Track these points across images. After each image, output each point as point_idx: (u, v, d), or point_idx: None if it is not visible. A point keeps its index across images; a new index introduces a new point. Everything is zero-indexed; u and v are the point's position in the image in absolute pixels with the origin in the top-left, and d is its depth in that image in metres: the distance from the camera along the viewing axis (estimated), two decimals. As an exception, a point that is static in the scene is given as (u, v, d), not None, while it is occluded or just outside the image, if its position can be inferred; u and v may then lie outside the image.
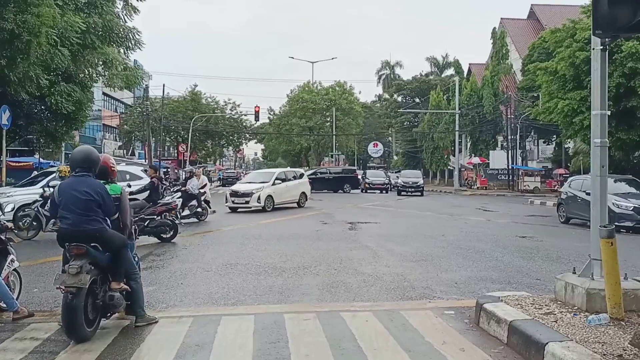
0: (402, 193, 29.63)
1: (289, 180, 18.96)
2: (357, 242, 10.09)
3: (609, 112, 4.63)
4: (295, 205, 18.66)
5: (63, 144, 22.58)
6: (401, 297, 5.68)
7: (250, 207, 16.98)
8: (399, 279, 6.60)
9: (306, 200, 19.28)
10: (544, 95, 20.61)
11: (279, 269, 7.15)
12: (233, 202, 17.22)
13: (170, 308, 5.24)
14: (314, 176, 30.26)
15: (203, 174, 17.16)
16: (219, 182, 42.64)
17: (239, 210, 17.15)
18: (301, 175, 20.10)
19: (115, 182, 4.58)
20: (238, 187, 18.40)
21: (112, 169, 4.55)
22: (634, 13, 4.13)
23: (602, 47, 4.41)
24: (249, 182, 18.72)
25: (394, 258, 8.19)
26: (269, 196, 17.24)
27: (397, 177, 35.07)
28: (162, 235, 9.78)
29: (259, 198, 16.89)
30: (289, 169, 27.92)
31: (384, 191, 32.66)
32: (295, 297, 5.70)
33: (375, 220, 14.45)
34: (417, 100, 53.19)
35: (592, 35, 4.45)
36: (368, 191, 32.53)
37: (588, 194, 7.23)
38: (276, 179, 18.17)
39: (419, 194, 29.65)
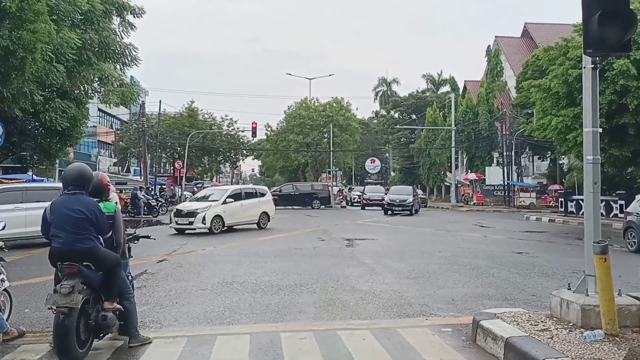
0: (389, 212, 26.37)
1: (246, 198, 16.84)
2: (354, 258, 10.07)
3: (600, 130, 4.70)
4: (254, 226, 16.81)
5: (57, 161, 22.23)
6: (398, 315, 5.66)
7: (195, 229, 15.08)
8: (396, 296, 6.58)
9: (268, 220, 17.29)
10: (538, 112, 20.85)
11: (276, 287, 7.11)
12: (177, 222, 15.31)
13: (165, 328, 5.17)
14: (279, 192, 31.75)
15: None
16: None
17: (235, 228, 16.23)
18: (263, 194, 18.11)
19: (109, 200, 4.53)
20: (183, 205, 16.71)
21: (109, 186, 4.54)
22: (623, 33, 4.28)
23: (593, 66, 4.52)
24: (198, 200, 16.64)
25: (391, 275, 8.18)
26: (217, 216, 15.28)
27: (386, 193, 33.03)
28: None
29: (204, 219, 14.95)
30: (248, 185, 26.64)
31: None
32: (291, 315, 5.66)
33: (372, 237, 14.43)
34: (414, 116, 53.70)
35: (583, 54, 4.56)
36: (366, 207, 31.94)
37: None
38: (228, 196, 16.11)
39: (408, 212, 26.09)
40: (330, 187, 37.80)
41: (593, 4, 4.25)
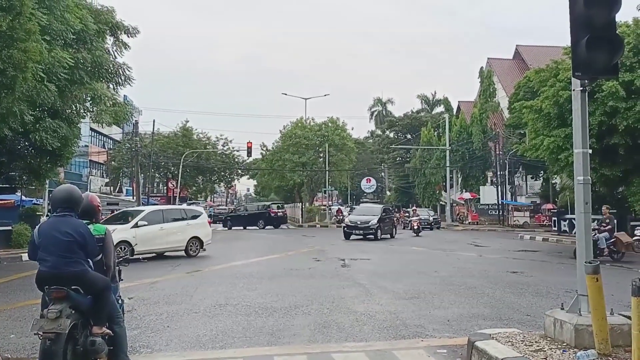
0: (350, 236, 21.80)
1: (170, 221, 14.67)
2: (350, 279, 10.02)
3: (590, 150, 4.79)
4: (182, 254, 14.65)
5: (47, 181, 21.51)
6: (394, 336, 5.62)
7: None
8: (392, 317, 6.55)
9: (201, 247, 14.99)
10: (530, 133, 21.14)
11: (270, 309, 7.04)
12: None
13: (156, 353, 5.08)
14: (233, 214, 36.72)
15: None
16: (210, 219, 42.39)
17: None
18: (195, 216, 15.77)
19: (99, 222, 4.48)
20: None
21: (99, 208, 4.46)
22: (611, 57, 4.41)
23: (582, 88, 4.62)
24: (112, 221, 14.06)
25: (387, 295, 8.14)
26: (124, 242, 13.02)
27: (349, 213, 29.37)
28: None
29: None
30: (174, 206, 24.29)
31: None
32: (286, 338, 5.59)
33: (367, 257, 14.40)
34: (409, 136, 54.24)
35: (572, 77, 4.67)
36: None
37: None
38: (142, 219, 13.93)
39: (372, 237, 21.19)
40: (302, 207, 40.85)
41: (581, 29, 4.37)
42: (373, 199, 58.55)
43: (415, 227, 26.08)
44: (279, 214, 35.47)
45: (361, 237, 21.67)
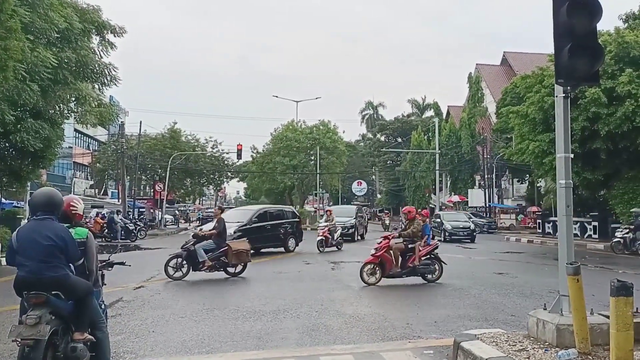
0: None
1: None
2: (340, 282, 10.08)
3: (572, 155, 4.91)
4: None
5: (28, 183, 20.93)
6: (382, 338, 5.67)
7: None
8: (380, 319, 6.62)
9: None
10: (517, 137, 21.52)
11: (258, 313, 7.02)
12: None
13: (140, 358, 5.03)
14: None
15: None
16: (198, 221, 42.10)
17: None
18: None
19: (81, 225, 4.36)
20: None
21: (74, 212, 4.27)
22: (592, 65, 4.54)
23: (564, 95, 4.73)
24: None
25: (376, 298, 8.22)
26: None
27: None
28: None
29: None
30: None
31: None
32: (274, 342, 5.58)
33: (358, 260, 14.42)
34: (400, 139, 54.64)
35: (555, 84, 4.79)
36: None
37: None
38: None
39: (349, 238, 19.63)
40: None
41: (564, 37, 4.48)
42: (364, 201, 58.82)
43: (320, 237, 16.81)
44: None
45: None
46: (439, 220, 24.23)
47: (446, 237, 22.31)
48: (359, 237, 21.90)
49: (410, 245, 9.63)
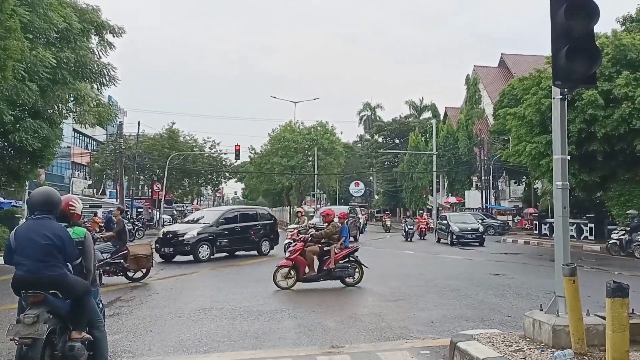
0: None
1: None
2: (336, 282, 10.08)
3: (569, 157, 4.93)
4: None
5: (27, 183, 21.01)
6: (378, 338, 5.68)
7: None
8: (377, 319, 6.63)
9: None
10: (514, 139, 21.60)
11: (256, 313, 7.02)
12: None
13: (137, 357, 5.03)
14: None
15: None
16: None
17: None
18: None
19: (79, 225, 4.35)
20: None
21: (72, 211, 4.25)
22: (589, 67, 4.56)
23: (561, 97, 4.74)
24: None
25: (373, 298, 8.23)
26: None
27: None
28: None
29: None
30: None
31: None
32: (271, 342, 5.58)
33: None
34: (397, 141, 54.78)
35: (552, 86, 4.80)
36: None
37: None
38: None
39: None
40: None
41: (561, 39, 4.49)
42: (361, 202, 58.89)
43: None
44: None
45: None
46: (445, 222, 22.66)
47: (453, 240, 21.04)
48: (352, 239, 21.65)
49: (325, 248, 9.32)
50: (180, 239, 14.40)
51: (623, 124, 16.49)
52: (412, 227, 24.36)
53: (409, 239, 23.76)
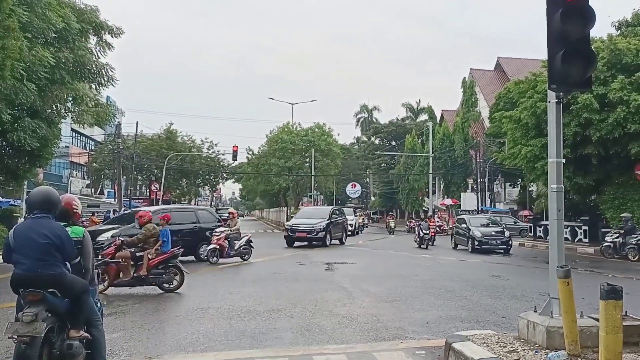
0: (294, 243, 19.12)
1: None
2: (333, 283, 10.11)
3: (564, 160, 4.98)
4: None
5: (25, 182, 21.09)
6: (374, 339, 5.72)
7: None
8: (373, 319, 6.66)
9: None
10: (509, 142, 21.69)
11: (253, 312, 7.05)
12: None
13: (134, 356, 5.05)
14: None
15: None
16: None
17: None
18: None
19: (77, 224, 4.37)
20: None
21: (74, 211, 4.31)
22: (585, 71, 4.60)
23: (557, 100, 4.78)
24: None
25: (369, 299, 8.26)
26: None
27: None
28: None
29: None
30: None
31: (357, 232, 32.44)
32: (268, 341, 5.61)
33: (351, 261, 14.51)
34: (394, 143, 54.89)
35: (548, 89, 4.83)
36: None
37: None
38: None
39: (319, 243, 18.82)
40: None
41: (557, 43, 4.53)
42: (358, 204, 58.97)
43: None
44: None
45: (306, 243, 18.88)
46: (464, 225, 19.47)
47: (475, 246, 17.98)
48: (338, 242, 20.33)
49: (138, 254, 8.73)
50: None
51: (618, 128, 16.61)
52: (427, 231, 19.95)
53: (423, 245, 19.69)
